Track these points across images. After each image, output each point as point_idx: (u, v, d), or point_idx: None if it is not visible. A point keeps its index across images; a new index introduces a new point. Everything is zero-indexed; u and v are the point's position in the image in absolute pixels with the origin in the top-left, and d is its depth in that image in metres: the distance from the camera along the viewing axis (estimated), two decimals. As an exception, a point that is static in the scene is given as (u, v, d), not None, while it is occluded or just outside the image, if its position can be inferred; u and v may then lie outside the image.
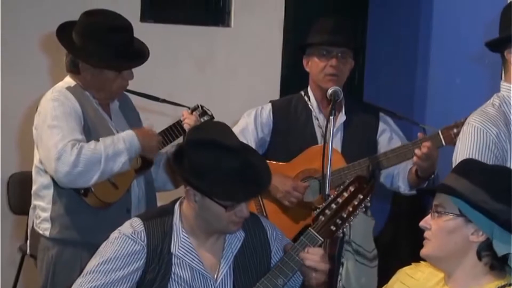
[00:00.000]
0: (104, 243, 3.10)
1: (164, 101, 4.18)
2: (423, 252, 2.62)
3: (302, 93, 4.34)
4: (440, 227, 2.55)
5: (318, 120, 4.26)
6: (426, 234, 2.60)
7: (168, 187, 4.17)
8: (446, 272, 2.62)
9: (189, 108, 4.09)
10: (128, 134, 3.77)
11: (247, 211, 3.02)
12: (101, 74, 3.79)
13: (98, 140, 3.70)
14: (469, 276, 2.55)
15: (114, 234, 3.09)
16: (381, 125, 4.28)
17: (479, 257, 2.52)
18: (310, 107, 4.28)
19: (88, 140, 3.70)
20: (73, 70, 3.82)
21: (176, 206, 3.14)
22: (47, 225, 3.81)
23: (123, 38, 3.82)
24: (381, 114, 4.32)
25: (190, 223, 3.08)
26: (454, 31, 5.51)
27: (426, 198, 5.27)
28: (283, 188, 4.11)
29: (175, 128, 4.03)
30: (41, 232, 3.84)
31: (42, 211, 3.83)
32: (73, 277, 3.73)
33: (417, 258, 2.73)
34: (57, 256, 3.81)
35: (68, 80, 3.85)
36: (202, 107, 4.11)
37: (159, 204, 4.04)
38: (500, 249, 2.49)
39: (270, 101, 4.38)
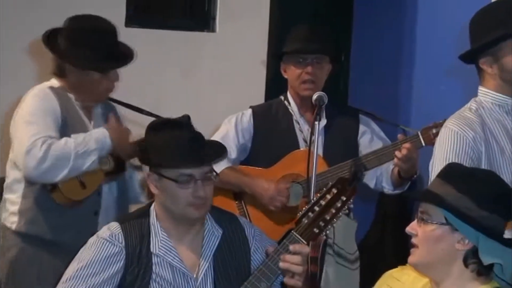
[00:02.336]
0: (82, 248, 3.10)
1: (148, 113, 4.15)
2: (411, 260, 2.62)
3: (282, 98, 4.36)
4: (426, 235, 2.55)
5: (299, 124, 4.28)
6: (413, 240, 2.60)
7: (140, 199, 4.17)
8: (433, 280, 2.61)
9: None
10: (101, 133, 3.80)
11: (203, 192, 3.03)
12: (87, 76, 3.85)
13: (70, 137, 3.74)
14: (456, 282, 2.55)
15: (92, 239, 3.10)
16: (362, 127, 4.31)
17: (466, 265, 2.53)
18: (291, 111, 4.30)
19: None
20: (59, 73, 3.88)
21: (152, 207, 3.16)
22: (15, 218, 3.85)
23: (107, 40, 3.88)
24: (361, 116, 4.35)
25: (162, 218, 3.10)
26: (438, 37, 5.53)
27: (411, 200, 5.30)
28: (267, 193, 4.13)
29: None
30: (8, 225, 3.87)
31: (12, 204, 3.87)
32: (31, 274, 3.78)
33: (403, 260, 2.73)
34: (19, 253, 3.84)
35: (54, 82, 3.91)
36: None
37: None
38: (486, 258, 2.49)
39: (250, 107, 4.40)
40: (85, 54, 3.80)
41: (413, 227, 2.60)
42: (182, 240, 3.10)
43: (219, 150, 3.18)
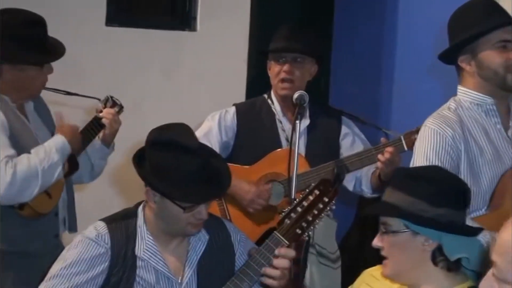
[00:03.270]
0: (67, 247, 3.08)
1: (70, 93, 4.11)
2: (385, 272, 2.64)
3: (266, 96, 4.37)
4: (392, 245, 2.57)
5: (281, 123, 4.29)
6: (382, 253, 2.62)
7: (84, 180, 4.15)
8: (412, 285, 2.63)
9: (99, 99, 4.04)
10: (59, 142, 3.72)
11: (205, 213, 3.01)
12: (23, 72, 3.74)
13: (23, 147, 3.65)
14: (432, 283, 2.56)
15: (78, 238, 3.07)
16: (344, 129, 4.32)
17: (435, 263, 2.54)
18: (274, 110, 4.31)
19: (13, 149, 3.63)
20: None
21: (140, 209, 3.12)
22: None
23: (40, 32, 3.77)
24: (343, 118, 4.36)
25: (152, 225, 3.07)
26: (419, 37, 5.55)
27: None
28: (247, 196, 4.13)
29: (94, 125, 3.97)
30: None
31: None
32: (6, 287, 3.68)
33: (382, 261, 2.74)
34: None
35: None
36: (112, 97, 4.06)
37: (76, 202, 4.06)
38: (452, 254, 2.52)
39: (234, 104, 4.40)
40: (20, 49, 3.68)
41: (378, 241, 2.62)
42: (168, 244, 3.08)
43: (227, 175, 3.11)
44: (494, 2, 3.31)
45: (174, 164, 2.94)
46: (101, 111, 4.01)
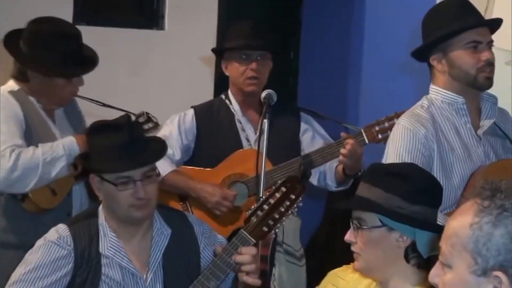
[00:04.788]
0: (29, 251, 3.07)
1: (107, 106, 4.14)
2: (356, 267, 2.64)
3: (223, 96, 4.34)
4: (365, 240, 2.57)
5: (241, 123, 4.26)
6: (353, 248, 2.62)
7: None
8: (381, 281, 2.63)
9: (134, 114, 4.04)
10: (68, 140, 3.77)
11: (143, 192, 3.00)
12: (51, 81, 3.81)
13: (38, 146, 3.70)
14: (401, 279, 2.57)
15: (39, 242, 3.07)
16: (303, 125, 4.32)
17: (407, 260, 2.55)
18: (232, 110, 4.29)
19: (29, 145, 3.69)
20: (21, 77, 3.82)
21: (100, 207, 3.13)
22: None
23: (71, 45, 3.83)
24: (302, 114, 4.36)
25: (109, 220, 3.08)
26: (386, 36, 5.58)
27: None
28: (212, 198, 4.10)
29: None
30: None
31: None
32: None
33: (352, 260, 2.74)
34: None
35: (11, 84, 3.85)
36: (147, 114, 4.07)
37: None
38: (425, 251, 2.53)
39: (192, 107, 4.36)
40: (48, 60, 3.75)
41: (351, 235, 2.62)
42: (131, 240, 3.09)
43: (158, 150, 3.14)
44: (468, 2, 3.34)
45: (104, 142, 3.01)
46: None
